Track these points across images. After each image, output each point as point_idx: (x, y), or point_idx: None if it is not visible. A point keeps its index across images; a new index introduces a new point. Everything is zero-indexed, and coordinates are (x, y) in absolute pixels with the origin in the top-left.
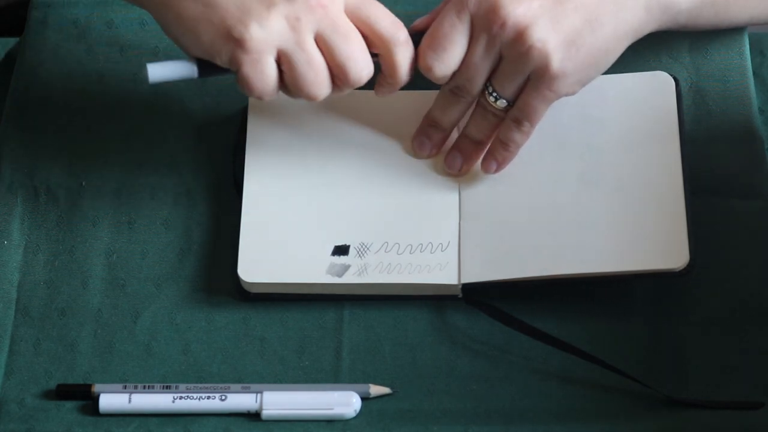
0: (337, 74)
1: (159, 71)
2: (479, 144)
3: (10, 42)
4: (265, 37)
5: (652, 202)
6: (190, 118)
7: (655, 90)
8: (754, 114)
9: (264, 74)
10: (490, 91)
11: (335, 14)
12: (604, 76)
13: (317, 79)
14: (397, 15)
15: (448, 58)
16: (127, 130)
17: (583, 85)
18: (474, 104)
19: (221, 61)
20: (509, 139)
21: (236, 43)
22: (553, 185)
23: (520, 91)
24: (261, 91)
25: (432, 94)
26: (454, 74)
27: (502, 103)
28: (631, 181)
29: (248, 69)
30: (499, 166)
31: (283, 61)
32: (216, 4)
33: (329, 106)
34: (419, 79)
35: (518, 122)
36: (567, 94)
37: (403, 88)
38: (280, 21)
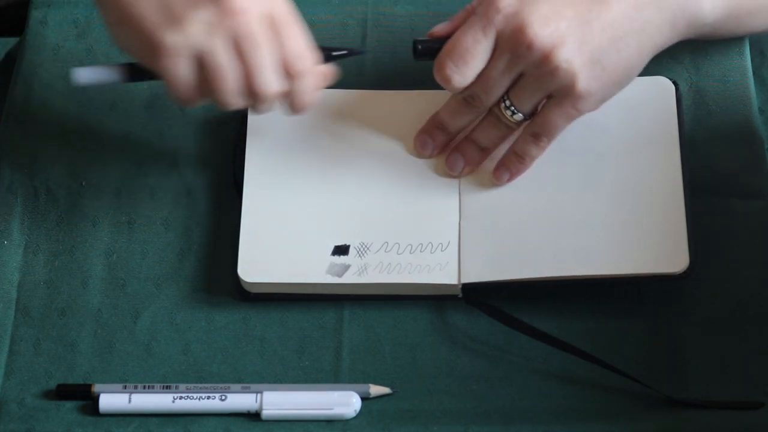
0: (247, 84)
1: (85, 74)
2: (484, 150)
3: (10, 42)
4: (182, 41)
5: (652, 206)
6: (190, 118)
7: (655, 95)
8: (754, 114)
9: (180, 77)
10: (508, 104)
11: (251, 22)
12: None
13: (227, 87)
14: (397, 15)
15: (467, 71)
16: (127, 130)
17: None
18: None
19: (145, 62)
20: (525, 153)
21: (156, 46)
22: (553, 187)
23: (538, 105)
24: (179, 95)
25: (432, 94)
26: (471, 84)
27: (518, 117)
28: (631, 185)
29: (166, 72)
30: (512, 177)
31: (200, 66)
32: (140, 2)
33: (329, 107)
34: (420, 79)
35: (537, 137)
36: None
37: (404, 88)
38: (197, 25)
